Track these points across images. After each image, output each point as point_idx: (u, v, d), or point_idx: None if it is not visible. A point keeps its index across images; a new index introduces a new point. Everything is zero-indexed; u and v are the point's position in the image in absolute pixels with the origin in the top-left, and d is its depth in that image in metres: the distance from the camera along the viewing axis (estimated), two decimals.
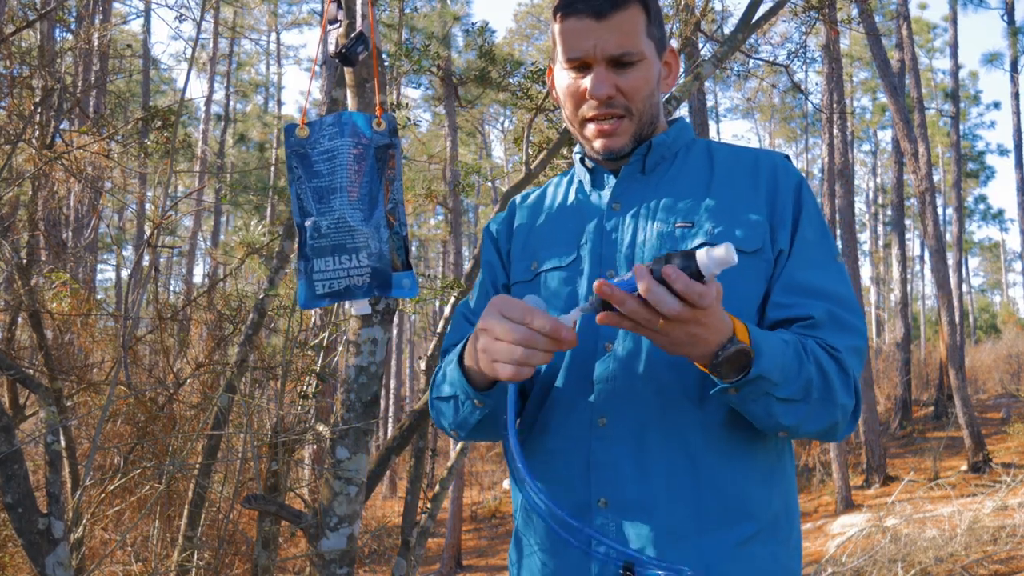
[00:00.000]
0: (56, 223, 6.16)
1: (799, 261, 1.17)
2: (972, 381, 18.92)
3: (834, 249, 1.21)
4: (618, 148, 1.21)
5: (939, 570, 6.95)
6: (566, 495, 1.16)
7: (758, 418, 1.06)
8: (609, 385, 1.15)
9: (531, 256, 1.28)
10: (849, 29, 11.09)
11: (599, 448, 1.15)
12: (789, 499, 1.21)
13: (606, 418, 1.15)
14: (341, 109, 3.36)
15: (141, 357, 5.49)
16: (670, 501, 1.11)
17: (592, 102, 1.19)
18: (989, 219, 35.53)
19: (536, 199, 1.37)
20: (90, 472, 3.50)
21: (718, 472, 1.12)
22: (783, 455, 1.21)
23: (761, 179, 1.21)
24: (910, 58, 14.68)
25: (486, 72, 10.22)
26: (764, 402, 1.03)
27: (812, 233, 1.19)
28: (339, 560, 2.70)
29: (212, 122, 23.24)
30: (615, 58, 1.16)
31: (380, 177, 1.03)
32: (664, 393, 1.13)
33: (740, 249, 1.14)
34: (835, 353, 1.10)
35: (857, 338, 1.14)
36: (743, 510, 1.13)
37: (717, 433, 1.13)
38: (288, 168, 1.04)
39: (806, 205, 1.21)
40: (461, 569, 12.37)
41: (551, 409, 1.20)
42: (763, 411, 1.04)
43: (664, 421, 1.13)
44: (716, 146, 1.29)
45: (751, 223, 1.17)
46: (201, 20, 3.49)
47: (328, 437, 2.80)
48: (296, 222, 1.04)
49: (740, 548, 1.12)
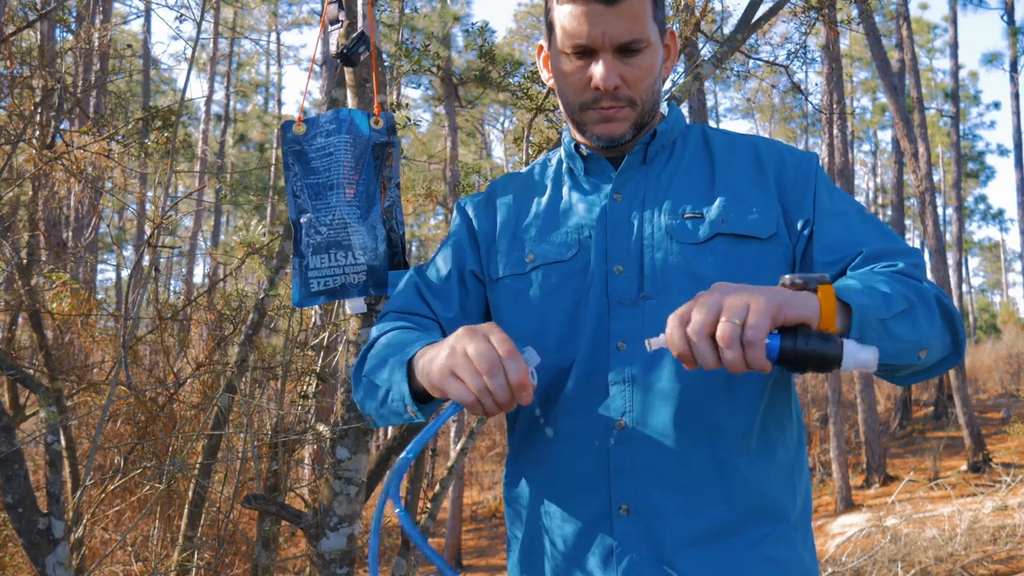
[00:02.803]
0: (56, 223, 6.17)
1: (827, 224, 1.12)
2: (972, 381, 18.90)
3: (859, 204, 1.17)
4: (619, 136, 1.15)
5: (939, 570, 6.95)
6: (583, 505, 1.10)
7: (894, 353, 0.95)
8: (627, 387, 1.09)
9: (523, 248, 1.20)
10: (849, 29, 11.08)
11: (619, 453, 1.08)
12: (809, 497, 1.17)
13: (625, 421, 1.08)
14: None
15: (141, 357, 5.49)
16: (697, 505, 1.06)
17: (597, 93, 1.12)
18: (989, 219, 35.52)
19: (521, 185, 1.28)
20: (90, 472, 3.50)
21: (746, 473, 1.07)
22: (801, 451, 1.16)
23: (767, 166, 1.17)
24: (910, 58, 14.68)
25: (486, 72, 10.22)
26: (884, 331, 0.93)
27: (832, 197, 1.15)
28: (339, 560, 2.71)
29: (212, 122, 23.24)
30: (624, 45, 1.10)
31: (377, 175, 1.02)
32: (689, 393, 1.07)
33: (755, 236, 1.11)
34: (897, 270, 1.04)
35: (913, 256, 1.08)
36: (772, 511, 1.09)
37: (745, 432, 1.08)
38: (284, 165, 1.03)
39: (820, 177, 1.17)
40: (461, 569, 12.36)
41: (561, 413, 1.13)
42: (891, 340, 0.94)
43: (689, 422, 1.07)
44: (712, 132, 1.24)
45: (762, 208, 1.13)
46: (201, 20, 3.49)
47: (328, 437, 2.80)
48: (291, 219, 1.03)
49: (768, 550, 1.07)
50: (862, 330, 0.92)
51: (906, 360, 0.98)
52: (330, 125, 1.05)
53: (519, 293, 1.18)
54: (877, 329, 0.93)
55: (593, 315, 1.12)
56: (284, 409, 3.57)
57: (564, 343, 1.13)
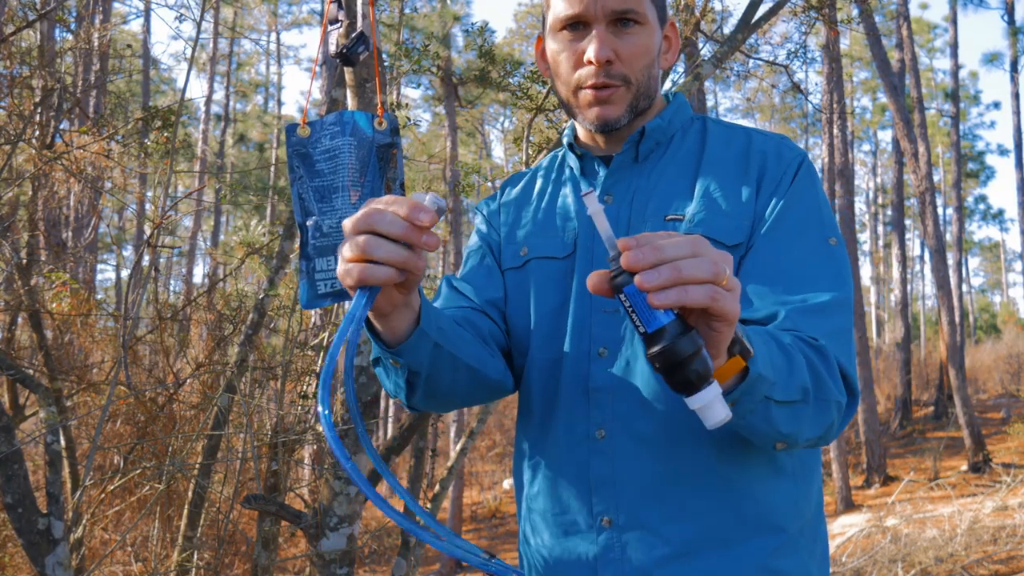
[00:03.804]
0: (56, 223, 6.16)
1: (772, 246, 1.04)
2: (972, 381, 18.91)
3: (826, 230, 1.07)
4: (614, 119, 1.10)
5: (939, 570, 6.95)
6: (565, 512, 1.07)
7: (756, 431, 0.91)
8: (607, 394, 1.05)
9: (519, 242, 1.20)
10: (849, 29, 11.07)
11: (598, 463, 1.05)
12: (818, 504, 1.10)
13: (604, 430, 1.04)
14: (341, 109, 3.35)
15: (141, 357, 5.49)
16: (682, 517, 1.01)
17: (591, 67, 1.08)
18: (989, 219, 35.53)
19: (525, 184, 1.28)
20: (90, 472, 3.50)
21: (736, 481, 1.02)
22: (808, 456, 1.09)
23: (752, 164, 1.10)
24: (910, 58, 14.68)
25: (486, 72, 10.21)
26: (763, 409, 0.87)
27: (798, 215, 1.06)
28: (339, 560, 2.70)
29: (212, 122, 23.24)
30: (618, 14, 1.06)
31: (382, 177, 1.03)
32: (670, 399, 1.02)
33: (719, 241, 1.04)
34: (815, 343, 0.95)
35: (834, 316, 0.99)
36: (767, 521, 1.03)
37: (732, 439, 1.01)
38: (289, 168, 1.03)
39: (798, 183, 1.08)
40: (461, 569, 12.35)
41: (546, 421, 1.10)
42: (762, 420, 0.88)
43: (671, 430, 1.02)
44: (712, 126, 1.18)
45: (735, 214, 1.06)
46: (201, 20, 3.49)
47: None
48: (298, 221, 1.03)
49: (766, 563, 1.01)
50: (742, 393, 0.84)
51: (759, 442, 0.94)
52: (334, 127, 1.05)
53: (517, 286, 1.18)
54: (759, 404, 0.86)
55: (576, 318, 1.09)
56: (284, 409, 3.57)
57: (547, 343, 1.12)
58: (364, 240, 0.80)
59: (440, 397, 1.07)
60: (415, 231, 0.81)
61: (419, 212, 0.80)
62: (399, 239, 0.81)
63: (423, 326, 0.95)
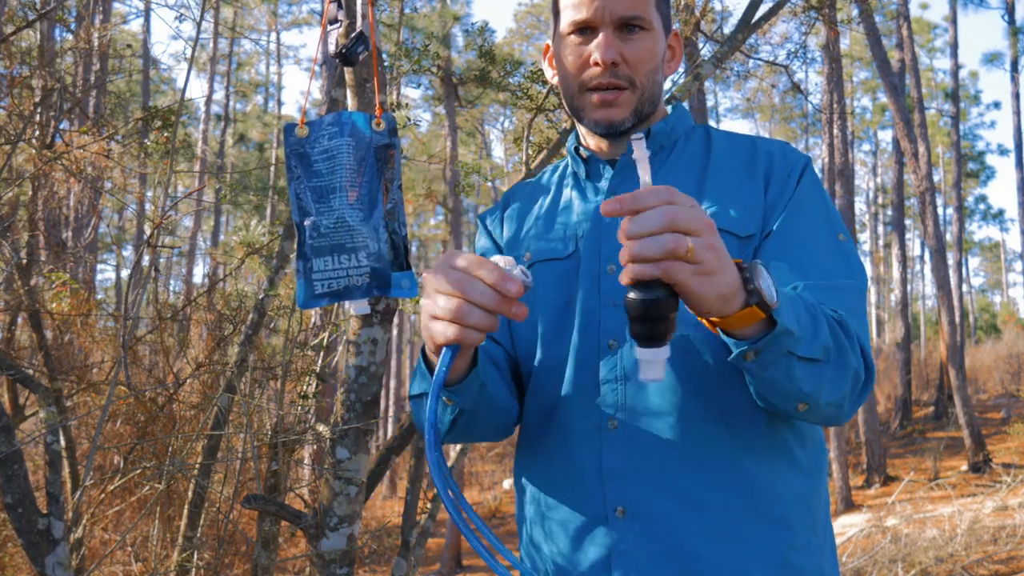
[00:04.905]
0: (56, 223, 6.17)
1: (784, 240, 1.07)
2: (972, 381, 18.91)
3: (835, 226, 1.10)
4: (618, 121, 1.13)
5: (939, 570, 6.95)
6: (579, 506, 1.07)
7: (778, 388, 0.91)
8: (618, 385, 1.06)
9: (524, 247, 1.21)
10: (849, 29, 11.07)
11: (611, 454, 1.05)
12: (827, 504, 1.11)
13: (616, 421, 1.05)
14: (341, 109, 3.36)
15: (141, 357, 5.49)
16: (697, 509, 1.01)
17: (596, 69, 1.11)
18: (989, 219, 35.54)
19: (530, 190, 1.30)
20: (90, 472, 3.50)
21: (754, 474, 1.02)
22: (820, 452, 1.10)
23: (758, 165, 1.13)
24: (910, 58, 14.68)
25: (486, 72, 10.21)
26: (786, 364, 0.88)
27: (806, 212, 1.09)
28: (339, 560, 2.70)
29: (212, 122, 23.24)
30: (624, 20, 1.10)
31: (380, 177, 1.03)
32: (682, 388, 1.03)
33: (732, 232, 1.06)
34: (836, 313, 0.97)
35: (852, 297, 1.02)
36: (783, 516, 1.02)
37: (747, 429, 1.02)
38: (287, 168, 1.04)
39: (804, 183, 1.11)
40: (461, 569, 12.35)
41: (554, 413, 1.11)
42: (784, 376, 0.89)
43: (684, 419, 1.03)
44: (715, 133, 1.22)
45: (745, 207, 1.09)
46: (201, 20, 3.49)
47: (328, 437, 2.80)
48: (295, 221, 1.04)
49: (783, 557, 1.01)
50: (766, 344, 0.86)
51: (782, 404, 0.95)
52: (332, 127, 1.05)
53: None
54: (782, 359, 0.88)
55: (584, 313, 1.10)
56: (284, 409, 3.57)
57: (555, 341, 1.13)
58: (457, 307, 0.86)
59: (470, 433, 1.12)
60: (506, 303, 0.86)
61: (507, 283, 0.85)
62: (491, 311, 0.86)
63: (479, 368, 1.01)
